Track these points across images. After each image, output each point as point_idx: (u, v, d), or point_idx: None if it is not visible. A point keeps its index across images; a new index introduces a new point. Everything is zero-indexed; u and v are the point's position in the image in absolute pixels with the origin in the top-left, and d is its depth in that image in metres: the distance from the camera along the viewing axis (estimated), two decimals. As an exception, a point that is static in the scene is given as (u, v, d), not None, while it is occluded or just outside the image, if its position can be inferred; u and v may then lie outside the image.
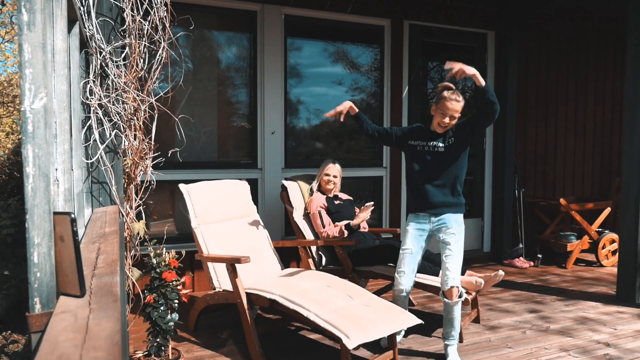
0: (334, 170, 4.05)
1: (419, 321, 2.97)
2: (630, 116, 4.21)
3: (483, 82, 2.95)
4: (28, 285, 0.97)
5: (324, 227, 3.89)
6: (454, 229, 3.14)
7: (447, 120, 3.10)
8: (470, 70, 2.93)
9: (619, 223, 4.51)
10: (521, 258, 5.61)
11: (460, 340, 3.40)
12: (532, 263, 5.59)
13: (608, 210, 5.65)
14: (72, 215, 1.00)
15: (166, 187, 4.45)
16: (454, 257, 3.10)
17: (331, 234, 3.84)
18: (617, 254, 5.47)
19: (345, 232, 3.83)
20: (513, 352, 3.25)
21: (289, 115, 4.98)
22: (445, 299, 3.11)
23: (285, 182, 4.11)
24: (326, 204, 3.97)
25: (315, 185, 4.11)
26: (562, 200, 5.43)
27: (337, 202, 4.05)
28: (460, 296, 3.11)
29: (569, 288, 4.73)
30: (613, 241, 5.59)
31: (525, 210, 5.83)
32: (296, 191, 4.10)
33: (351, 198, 4.24)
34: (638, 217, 4.19)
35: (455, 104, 3.08)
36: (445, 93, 3.09)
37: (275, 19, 4.78)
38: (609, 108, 6.60)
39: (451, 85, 3.15)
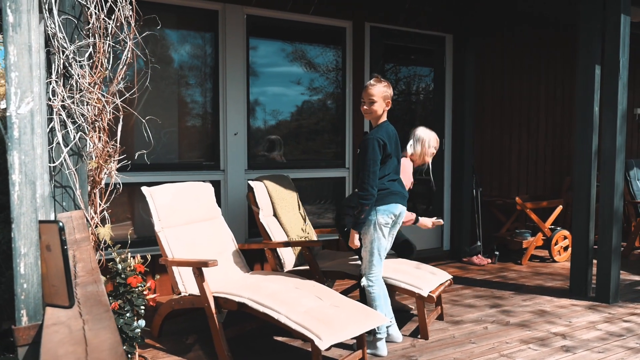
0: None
1: (388, 320, 3.01)
2: (582, 118, 4.39)
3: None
4: (14, 297, 0.92)
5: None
6: None
7: (365, 106, 3.19)
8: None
9: (570, 220, 4.72)
10: (479, 255, 5.77)
11: (426, 337, 3.48)
12: (489, 260, 5.76)
13: (560, 208, 5.88)
14: (60, 224, 0.96)
15: (123, 190, 4.31)
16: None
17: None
18: (569, 249, 5.73)
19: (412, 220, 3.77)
20: (477, 347, 3.34)
21: (252, 116, 4.94)
22: None
23: (252, 183, 4.05)
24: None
25: (418, 150, 3.91)
26: (517, 199, 5.62)
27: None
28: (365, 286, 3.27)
29: (526, 283, 4.91)
30: (565, 237, 5.82)
31: (482, 209, 6.00)
32: (262, 191, 4.05)
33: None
34: (589, 215, 4.38)
35: (369, 87, 3.16)
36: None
37: (237, 19, 4.73)
38: (559, 111, 6.89)
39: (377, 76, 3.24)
